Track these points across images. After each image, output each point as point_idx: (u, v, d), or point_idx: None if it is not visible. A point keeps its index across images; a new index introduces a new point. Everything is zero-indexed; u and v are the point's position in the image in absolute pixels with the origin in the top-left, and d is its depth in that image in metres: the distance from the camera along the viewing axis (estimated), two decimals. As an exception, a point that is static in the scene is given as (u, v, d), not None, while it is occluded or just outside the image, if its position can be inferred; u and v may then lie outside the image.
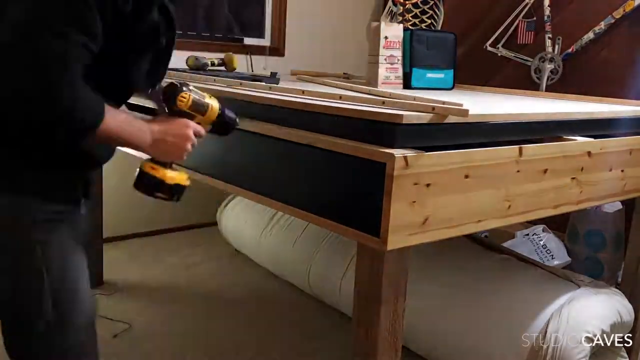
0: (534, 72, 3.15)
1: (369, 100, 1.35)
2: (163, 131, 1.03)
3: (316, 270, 2.41)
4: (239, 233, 2.94)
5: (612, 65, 2.90)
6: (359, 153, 1.12)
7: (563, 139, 1.50)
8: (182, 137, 1.05)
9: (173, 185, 1.06)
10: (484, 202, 1.26)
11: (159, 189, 1.06)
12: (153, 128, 1.02)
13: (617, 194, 1.71)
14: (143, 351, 2.08)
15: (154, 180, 1.05)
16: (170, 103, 1.06)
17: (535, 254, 2.75)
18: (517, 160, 1.31)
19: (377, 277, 1.18)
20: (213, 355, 2.08)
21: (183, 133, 1.05)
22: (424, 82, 2.21)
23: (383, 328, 1.20)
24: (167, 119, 1.06)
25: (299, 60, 3.35)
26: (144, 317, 2.32)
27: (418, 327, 1.94)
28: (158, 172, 1.05)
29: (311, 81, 2.20)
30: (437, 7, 3.38)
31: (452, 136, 1.24)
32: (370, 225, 1.11)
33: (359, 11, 3.78)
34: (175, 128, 1.05)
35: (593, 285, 1.87)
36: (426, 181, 1.13)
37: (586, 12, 2.98)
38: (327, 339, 2.24)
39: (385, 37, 2.08)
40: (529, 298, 1.80)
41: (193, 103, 1.06)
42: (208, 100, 1.10)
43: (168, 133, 1.03)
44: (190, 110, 1.07)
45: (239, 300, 2.55)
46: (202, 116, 1.09)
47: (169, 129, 1.04)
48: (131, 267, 2.83)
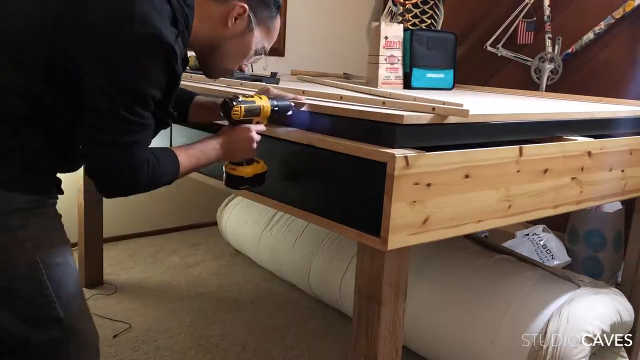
0: (534, 72, 3.15)
1: (369, 101, 1.35)
2: (229, 141, 1.21)
3: (316, 270, 2.41)
4: (239, 233, 2.94)
5: (612, 65, 2.90)
6: (359, 153, 1.13)
7: (563, 139, 1.50)
8: (245, 140, 1.21)
9: (252, 177, 1.26)
10: (484, 202, 1.26)
11: (242, 183, 1.27)
12: (220, 141, 1.20)
13: (617, 194, 1.71)
14: (143, 351, 2.08)
15: (236, 178, 1.26)
16: (228, 118, 1.20)
17: (535, 254, 2.75)
18: (517, 160, 1.31)
19: (378, 277, 1.18)
20: (213, 355, 2.08)
21: (245, 137, 1.21)
22: (424, 82, 2.22)
23: (383, 328, 1.20)
24: (229, 129, 1.22)
25: (299, 60, 3.36)
26: (144, 317, 2.32)
27: (418, 327, 1.94)
28: (237, 170, 1.25)
29: (311, 81, 2.20)
30: (437, 7, 3.38)
31: (452, 136, 1.24)
32: (370, 225, 1.12)
33: (358, 11, 3.78)
34: (237, 135, 1.21)
35: (593, 285, 1.87)
36: (426, 181, 1.13)
37: (586, 12, 2.98)
38: (327, 339, 2.24)
39: (385, 37, 2.08)
40: (529, 298, 1.80)
41: (246, 112, 1.20)
42: (258, 102, 1.22)
43: (234, 141, 1.21)
44: (245, 118, 1.21)
45: (239, 300, 2.55)
46: (258, 117, 1.23)
47: (233, 137, 1.21)
48: (131, 267, 2.83)
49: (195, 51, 1.23)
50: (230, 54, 1.22)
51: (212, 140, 1.20)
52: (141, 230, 3.25)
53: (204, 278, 2.77)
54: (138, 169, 1.05)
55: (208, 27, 1.16)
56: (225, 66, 1.25)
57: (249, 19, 1.19)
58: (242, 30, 1.19)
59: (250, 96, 1.23)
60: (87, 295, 2.45)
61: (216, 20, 1.17)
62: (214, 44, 1.19)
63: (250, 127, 1.22)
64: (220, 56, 1.22)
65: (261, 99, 1.23)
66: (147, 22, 0.97)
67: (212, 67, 1.25)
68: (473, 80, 2.87)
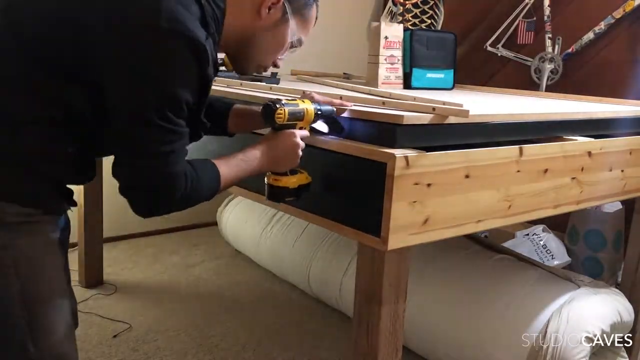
0: (534, 72, 3.15)
1: (369, 101, 1.35)
2: (272, 149, 1.11)
3: (316, 270, 2.41)
4: (239, 233, 2.94)
5: (612, 65, 2.90)
6: (359, 153, 1.13)
7: (563, 139, 1.50)
8: (290, 147, 1.12)
9: (296, 188, 1.17)
10: (484, 202, 1.26)
11: (287, 195, 1.17)
12: (263, 150, 1.11)
13: (617, 194, 1.71)
14: (143, 351, 2.08)
15: (280, 189, 1.16)
16: (271, 122, 1.12)
17: (535, 254, 2.75)
18: (517, 160, 1.31)
19: (378, 277, 1.18)
20: (213, 355, 2.08)
21: (290, 144, 1.12)
22: (424, 82, 2.22)
23: (383, 328, 1.20)
24: (273, 135, 1.13)
25: (299, 60, 3.35)
26: (144, 317, 2.32)
27: (418, 327, 1.94)
28: (281, 181, 1.16)
29: (311, 81, 2.20)
30: (437, 7, 3.38)
31: (452, 136, 1.24)
32: (370, 225, 1.11)
33: (359, 11, 3.78)
34: (281, 142, 1.12)
35: (593, 285, 1.87)
36: (427, 181, 1.13)
37: (586, 12, 2.98)
38: (327, 339, 2.24)
39: (385, 37, 2.08)
40: (529, 298, 1.80)
41: (289, 115, 1.12)
42: (302, 105, 1.14)
43: (277, 148, 1.12)
44: (289, 122, 1.12)
45: (239, 300, 2.55)
46: (301, 121, 1.15)
47: (277, 145, 1.12)
48: (131, 267, 2.83)
49: (226, 47, 1.13)
50: (264, 48, 1.13)
51: (253, 149, 1.10)
52: (141, 230, 3.24)
53: (204, 278, 2.76)
54: (175, 181, 0.95)
55: (240, 18, 1.07)
56: (259, 61, 1.16)
57: (283, 8, 1.10)
58: (276, 20, 1.10)
59: (292, 99, 1.16)
60: (87, 295, 2.45)
61: (248, 11, 1.08)
62: (247, 37, 1.10)
63: (295, 132, 1.13)
64: (254, 50, 1.12)
65: (304, 102, 1.16)
66: (174, 19, 0.89)
67: (245, 62, 1.16)
68: (473, 80, 2.87)
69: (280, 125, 1.12)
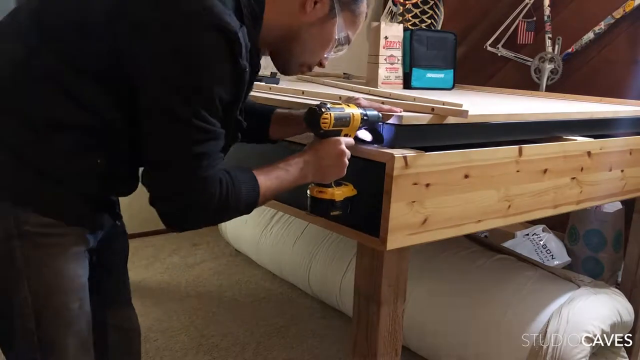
0: (534, 72, 3.15)
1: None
2: (317, 159, 1.03)
3: (316, 270, 2.42)
4: (239, 233, 2.94)
5: (612, 65, 2.90)
6: (358, 153, 1.12)
7: (563, 139, 1.50)
8: (336, 156, 1.04)
9: (343, 200, 1.09)
10: (484, 202, 1.26)
11: (332, 208, 1.09)
12: (307, 160, 1.03)
13: (617, 194, 1.71)
14: (143, 351, 2.07)
15: (325, 202, 1.08)
16: (315, 128, 1.04)
17: (535, 254, 2.75)
18: (517, 160, 1.31)
19: (377, 277, 1.18)
20: (213, 355, 2.08)
21: (336, 152, 1.04)
22: (424, 82, 2.22)
23: (383, 328, 1.20)
24: (316, 144, 1.05)
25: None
26: (144, 317, 2.32)
27: (418, 327, 1.94)
28: (326, 194, 1.08)
29: (311, 81, 2.20)
30: (437, 7, 3.38)
31: (451, 136, 1.24)
32: (370, 225, 1.11)
33: (359, 11, 3.77)
34: (327, 150, 1.04)
35: (593, 285, 1.87)
36: (426, 181, 1.13)
37: (586, 12, 2.98)
38: (327, 339, 2.24)
39: (385, 37, 2.08)
40: (529, 298, 1.80)
41: (336, 120, 1.04)
42: (348, 110, 1.06)
43: (323, 158, 1.03)
44: (335, 128, 1.05)
45: (239, 300, 2.55)
46: (347, 127, 1.07)
47: (322, 154, 1.04)
48: (131, 267, 2.82)
49: (268, 44, 1.05)
50: (308, 46, 1.06)
51: (296, 158, 1.02)
52: (141, 230, 3.24)
53: (204, 278, 2.76)
54: (208, 187, 0.88)
55: (282, 13, 1.00)
56: (304, 60, 1.09)
57: (331, 3, 1.02)
58: (322, 16, 1.02)
59: (337, 103, 1.08)
60: (87, 295, 2.45)
61: (292, 5, 1.01)
62: (290, 34, 1.03)
63: (340, 139, 1.04)
64: (297, 48, 1.04)
65: (350, 106, 1.08)
66: (203, 4, 0.84)
67: (288, 61, 1.08)
68: (473, 80, 2.87)
69: (325, 131, 1.04)
